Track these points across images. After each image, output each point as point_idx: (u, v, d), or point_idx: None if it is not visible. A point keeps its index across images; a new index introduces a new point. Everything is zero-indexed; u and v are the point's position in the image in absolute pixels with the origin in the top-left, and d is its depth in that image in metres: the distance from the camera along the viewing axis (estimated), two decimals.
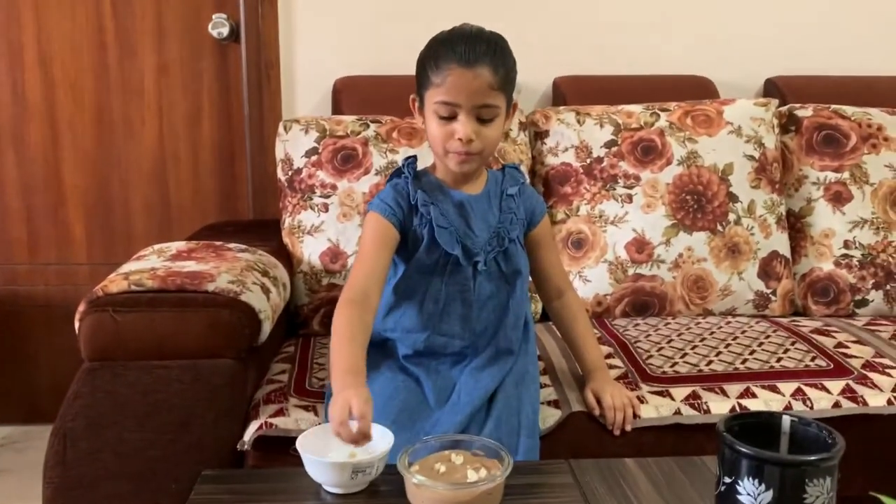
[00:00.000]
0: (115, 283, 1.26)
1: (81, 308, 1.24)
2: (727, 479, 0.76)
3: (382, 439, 1.00)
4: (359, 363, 1.08)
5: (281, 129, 1.73)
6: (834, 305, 1.74)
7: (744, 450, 0.74)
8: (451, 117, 1.17)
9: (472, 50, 1.14)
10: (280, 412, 1.24)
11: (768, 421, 0.82)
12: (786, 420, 0.80)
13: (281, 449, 1.20)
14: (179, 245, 1.51)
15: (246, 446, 1.20)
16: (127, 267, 1.35)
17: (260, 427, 1.21)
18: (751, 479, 0.74)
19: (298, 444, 0.98)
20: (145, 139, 2.12)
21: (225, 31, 2.04)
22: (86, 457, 1.19)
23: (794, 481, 0.72)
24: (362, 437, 0.97)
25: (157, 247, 1.50)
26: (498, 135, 1.21)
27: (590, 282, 1.69)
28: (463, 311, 1.24)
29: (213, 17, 2.05)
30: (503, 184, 1.30)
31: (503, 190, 1.29)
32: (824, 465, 0.73)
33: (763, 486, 0.73)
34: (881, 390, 1.33)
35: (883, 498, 0.45)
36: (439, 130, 1.18)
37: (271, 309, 1.33)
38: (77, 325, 1.24)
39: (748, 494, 0.74)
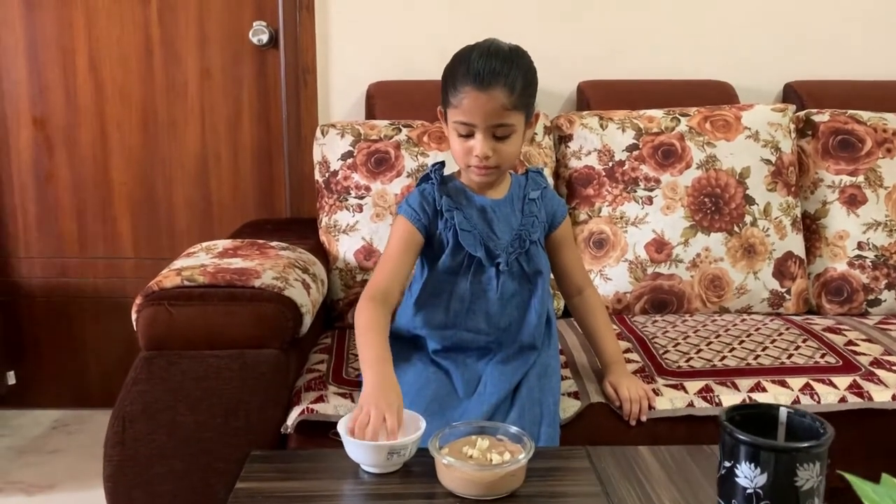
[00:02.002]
0: (168, 278, 1.36)
1: (138, 301, 1.34)
2: (727, 464, 0.84)
3: (415, 424, 1.10)
4: (385, 352, 1.19)
5: (318, 133, 1.83)
6: (847, 304, 1.80)
7: (741, 437, 0.82)
8: (469, 135, 1.24)
9: (487, 71, 1.19)
10: (320, 399, 1.33)
11: (767, 412, 0.90)
12: (782, 411, 0.88)
13: (321, 432, 1.29)
14: (226, 243, 1.61)
15: (289, 430, 1.29)
16: (179, 263, 1.46)
17: (302, 412, 1.30)
18: (748, 463, 0.82)
19: (340, 428, 1.08)
20: (188, 140, 2.23)
21: (264, 37, 2.15)
22: (143, 438, 1.30)
23: (787, 466, 0.80)
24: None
25: (204, 244, 1.60)
26: (515, 149, 1.27)
27: (611, 280, 1.77)
28: (487, 308, 1.32)
29: (254, 24, 2.15)
30: (526, 188, 1.37)
31: (525, 194, 1.36)
32: (814, 452, 0.81)
33: (759, 470, 0.81)
34: (887, 386, 1.39)
35: (849, 477, 0.53)
36: (459, 146, 1.26)
37: (311, 303, 1.43)
38: (134, 317, 1.34)
39: (745, 477, 0.82)
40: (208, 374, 1.30)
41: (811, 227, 1.85)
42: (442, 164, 1.37)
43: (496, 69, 1.20)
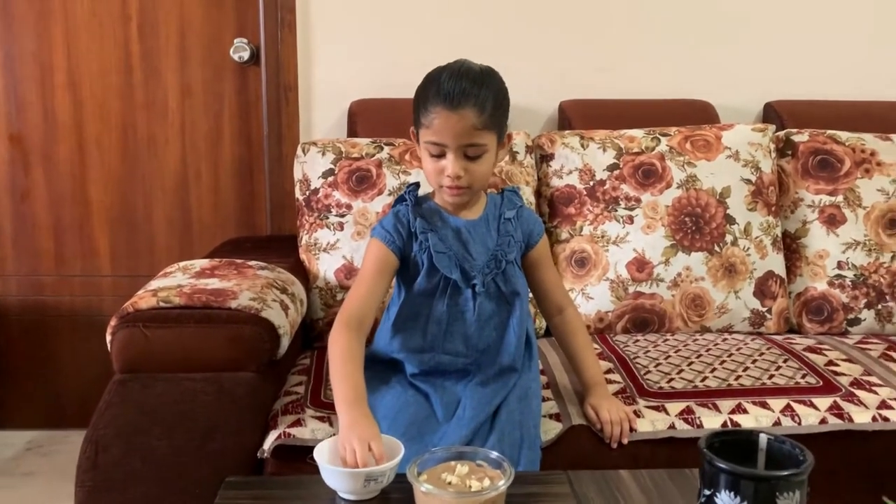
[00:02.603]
0: (144, 299, 1.35)
1: (113, 323, 1.32)
2: (706, 492, 0.83)
3: (393, 450, 1.08)
4: (361, 391, 1.17)
5: (299, 151, 1.82)
6: (827, 324, 1.81)
7: (721, 465, 0.81)
8: (441, 155, 1.24)
9: (458, 91, 1.19)
10: (297, 422, 1.31)
11: (747, 438, 0.89)
12: (762, 437, 0.88)
13: (298, 457, 1.27)
14: (203, 263, 1.59)
15: (266, 454, 1.28)
16: (155, 284, 1.44)
17: (279, 436, 1.28)
18: (727, 491, 0.81)
19: (315, 454, 1.06)
20: (168, 157, 2.22)
21: (246, 54, 2.14)
22: (116, 462, 1.27)
23: (766, 494, 0.79)
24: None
25: (181, 264, 1.58)
26: (487, 169, 1.27)
27: (592, 299, 1.76)
28: (465, 330, 1.31)
29: (235, 41, 2.14)
30: (501, 207, 1.37)
31: (501, 213, 1.36)
32: (794, 480, 0.80)
33: (738, 498, 0.80)
34: (867, 407, 1.39)
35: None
36: (431, 166, 1.26)
37: (289, 324, 1.41)
38: (109, 339, 1.32)
39: None
40: (184, 397, 1.28)
41: (791, 246, 1.86)
42: (417, 185, 1.36)
43: (466, 89, 1.20)
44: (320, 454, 1.06)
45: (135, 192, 2.23)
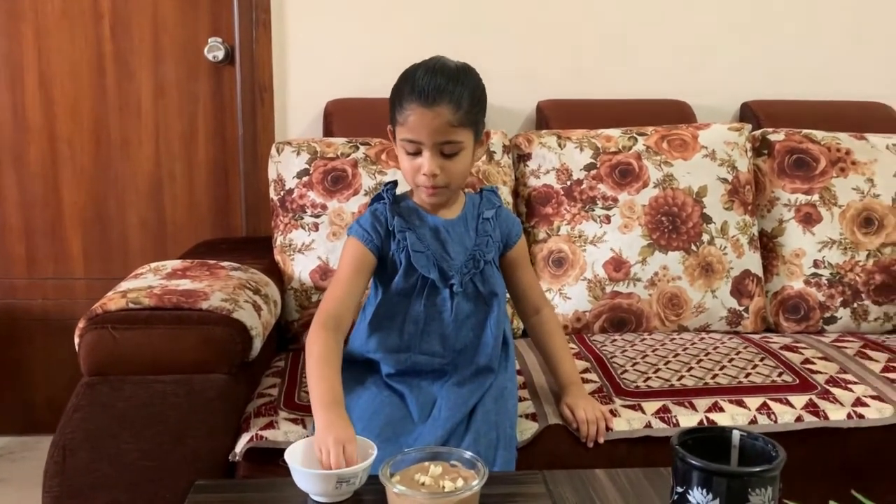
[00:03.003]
0: (113, 301, 1.32)
1: (81, 325, 1.30)
2: (679, 489, 0.82)
3: (366, 452, 1.07)
4: (338, 393, 1.16)
5: (273, 150, 1.80)
6: (804, 322, 1.81)
7: (693, 462, 0.80)
8: (417, 153, 1.23)
9: (433, 88, 1.18)
10: (270, 425, 1.29)
11: (720, 435, 0.88)
12: (735, 434, 0.87)
13: (271, 460, 1.26)
14: (175, 263, 1.57)
15: (237, 458, 1.25)
16: (125, 285, 1.42)
17: (251, 439, 1.26)
18: (700, 488, 0.80)
19: (286, 456, 1.04)
20: (142, 158, 2.19)
21: (220, 54, 2.11)
22: (84, 467, 1.25)
23: (739, 491, 0.79)
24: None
25: (153, 265, 1.56)
26: (464, 167, 1.26)
27: (569, 299, 1.76)
28: (442, 330, 1.30)
29: (209, 40, 2.12)
30: (480, 207, 1.36)
31: (480, 213, 1.35)
32: (766, 476, 0.79)
33: (711, 496, 0.79)
34: (842, 405, 1.39)
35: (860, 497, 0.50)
36: (408, 164, 1.25)
37: (262, 326, 1.39)
38: (77, 341, 1.29)
39: (697, 503, 0.80)
40: (153, 400, 1.26)
41: (768, 245, 1.86)
42: (394, 183, 1.35)
43: (441, 86, 1.19)
44: (292, 456, 1.05)
45: (108, 193, 2.20)
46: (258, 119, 2.10)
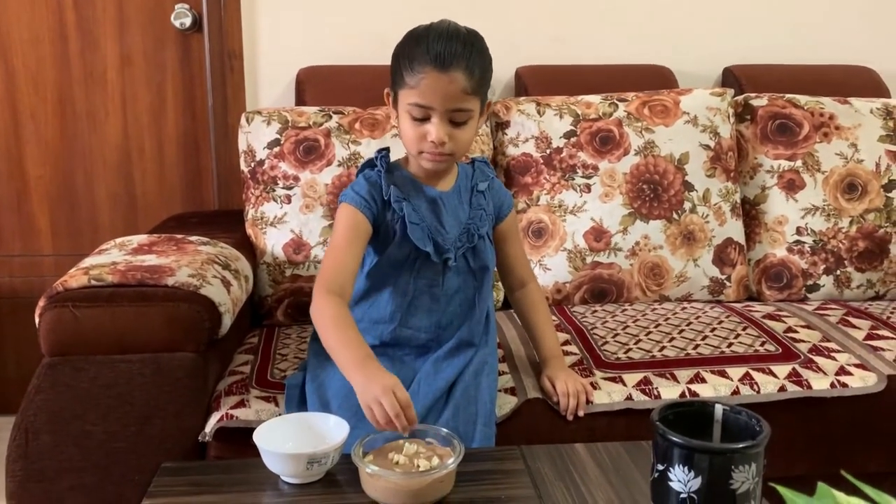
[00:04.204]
0: (74, 278, 1.27)
1: (41, 304, 1.25)
2: (660, 467, 0.80)
3: (338, 429, 1.03)
4: (366, 349, 1.10)
5: (243, 120, 1.74)
6: (787, 290, 1.79)
7: (674, 438, 0.77)
8: (425, 119, 1.17)
9: (448, 53, 1.13)
10: (241, 403, 1.26)
11: (702, 409, 0.85)
12: (718, 408, 0.84)
13: (243, 440, 1.21)
14: (141, 238, 1.51)
15: (207, 437, 1.22)
16: (88, 261, 1.36)
17: (221, 419, 1.23)
18: (681, 466, 0.77)
19: (255, 437, 1.01)
20: (109, 130, 2.12)
21: (187, 21, 2.04)
22: (48, 450, 1.21)
23: (721, 468, 0.76)
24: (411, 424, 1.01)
25: (118, 240, 1.50)
26: (471, 136, 1.21)
27: (549, 270, 1.72)
28: (430, 305, 1.27)
29: (176, 7, 2.04)
30: (473, 178, 1.31)
31: (473, 185, 1.30)
32: (749, 453, 0.77)
33: (692, 473, 0.77)
34: (825, 374, 1.38)
35: (782, 490, 0.48)
36: (413, 131, 1.19)
37: (232, 302, 1.35)
38: (37, 320, 1.25)
39: (678, 481, 0.77)
40: (118, 380, 1.22)
41: (751, 212, 1.83)
42: (387, 150, 1.29)
43: (457, 51, 1.14)
44: (262, 437, 1.01)
45: (75, 167, 2.13)
46: (228, 88, 2.04)
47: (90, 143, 2.12)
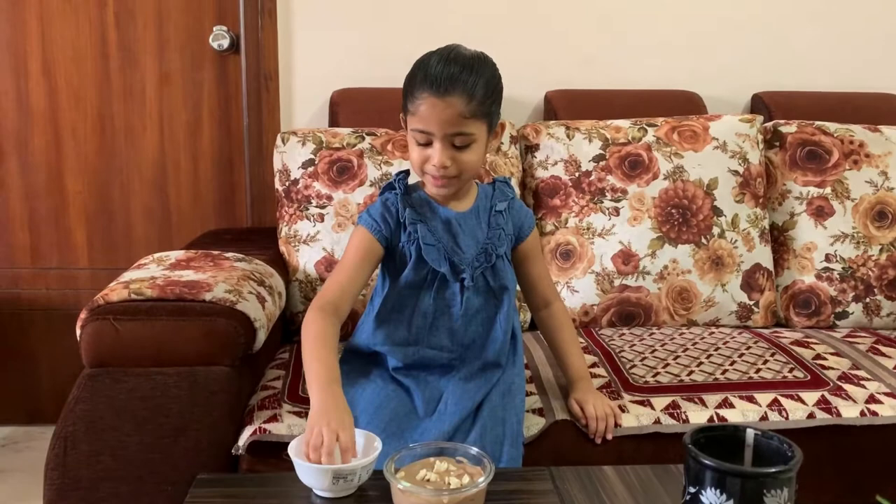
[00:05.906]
0: (115, 291, 1.30)
1: (83, 316, 1.28)
2: (692, 489, 0.80)
3: (371, 446, 1.05)
4: (335, 372, 1.13)
5: (279, 140, 1.78)
6: (815, 317, 1.78)
7: (707, 462, 0.78)
8: (427, 143, 1.20)
9: (445, 77, 1.14)
10: (274, 418, 1.28)
11: (734, 433, 0.86)
12: (749, 433, 0.85)
13: (275, 453, 1.24)
14: (178, 254, 1.55)
15: (241, 451, 1.24)
16: (127, 275, 1.40)
17: (254, 432, 1.25)
18: (713, 489, 0.78)
19: (290, 450, 1.03)
20: (146, 147, 2.17)
21: (225, 42, 2.09)
22: (86, 459, 1.23)
23: (753, 492, 0.77)
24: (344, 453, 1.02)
25: (156, 255, 1.54)
26: (476, 159, 1.22)
27: (577, 292, 1.73)
28: (451, 324, 1.28)
29: (214, 28, 2.09)
30: (493, 199, 1.33)
31: (492, 205, 1.32)
32: (781, 477, 0.77)
33: (724, 496, 0.77)
34: (855, 402, 1.37)
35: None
36: (417, 155, 1.22)
37: (266, 317, 1.38)
38: (78, 332, 1.28)
39: None
40: (155, 392, 1.24)
41: (779, 238, 1.84)
42: (406, 173, 1.32)
43: (454, 75, 1.15)
44: (295, 450, 1.03)
45: (112, 182, 2.18)
46: (263, 108, 2.08)
47: (127, 158, 2.17)
